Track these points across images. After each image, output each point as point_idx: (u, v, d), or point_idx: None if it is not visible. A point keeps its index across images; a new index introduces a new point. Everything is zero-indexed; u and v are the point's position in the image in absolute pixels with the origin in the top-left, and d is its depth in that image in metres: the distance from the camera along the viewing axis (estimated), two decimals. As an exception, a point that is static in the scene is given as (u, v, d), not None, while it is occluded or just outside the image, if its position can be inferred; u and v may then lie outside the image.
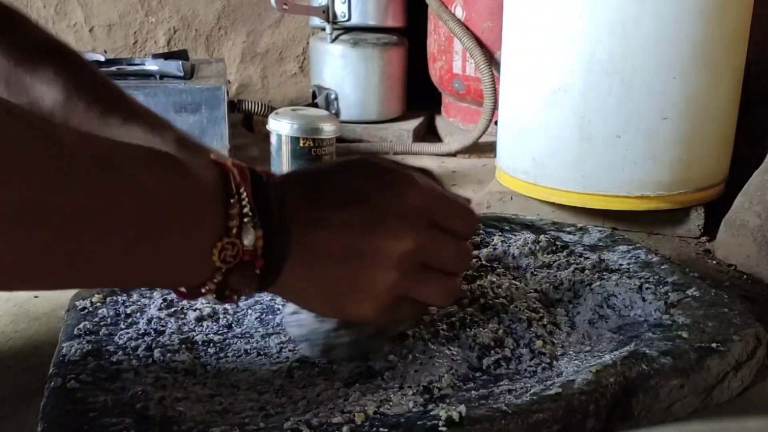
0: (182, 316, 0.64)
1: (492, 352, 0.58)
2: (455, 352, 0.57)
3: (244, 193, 0.39)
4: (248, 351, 0.60)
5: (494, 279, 0.69)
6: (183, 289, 0.42)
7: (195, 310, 0.65)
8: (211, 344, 0.60)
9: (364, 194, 0.42)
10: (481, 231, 0.86)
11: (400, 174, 0.44)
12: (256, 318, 0.65)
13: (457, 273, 0.48)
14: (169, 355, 0.57)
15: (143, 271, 0.38)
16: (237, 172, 0.40)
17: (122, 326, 0.62)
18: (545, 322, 0.63)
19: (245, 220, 0.39)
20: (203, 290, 0.40)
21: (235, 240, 0.39)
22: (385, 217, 0.42)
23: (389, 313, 0.46)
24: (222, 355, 0.59)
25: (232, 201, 0.39)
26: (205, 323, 0.63)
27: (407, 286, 0.45)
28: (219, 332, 0.62)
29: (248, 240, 0.39)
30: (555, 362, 0.58)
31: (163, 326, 0.62)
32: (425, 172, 0.48)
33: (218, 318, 0.64)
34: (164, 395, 0.51)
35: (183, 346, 0.59)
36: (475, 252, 0.78)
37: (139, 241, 0.36)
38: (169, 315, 0.64)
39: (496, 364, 0.57)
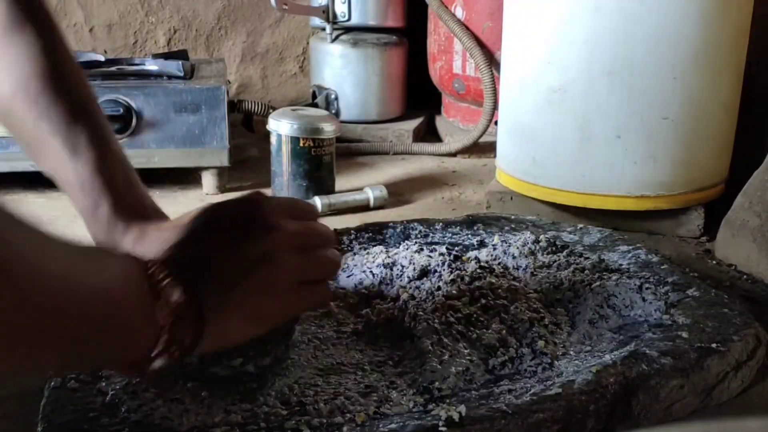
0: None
1: (498, 353, 0.58)
2: (461, 353, 0.57)
3: (156, 267, 0.44)
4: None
5: (493, 280, 0.69)
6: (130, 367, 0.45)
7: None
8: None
9: (239, 245, 0.49)
10: (481, 231, 0.86)
11: (260, 224, 0.49)
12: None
13: (326, 279, 0.54)
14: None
15: (93, 352, 0.41)
16: (139, 259, 0.44)
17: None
18: (546, 323, 0.63)
19: (166, 282, 0.44)
20: (154, 353, 0.43)
21: (168, 299, 0.43)
22: (264, 265, 0.48)
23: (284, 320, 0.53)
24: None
25: (149, 272, 0.43)
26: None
27: (293, 303, 0.51)
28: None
29: (176, 296, 0.43)
30: (556, 362, 0.58)
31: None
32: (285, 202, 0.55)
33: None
34: (156, 396, 0.51)
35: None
36: (474, 253, 0.78)
37: (83, 328, 0.39)
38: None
39: (501, 366, 0.57)
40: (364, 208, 1.10)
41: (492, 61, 1.36)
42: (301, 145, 1.08)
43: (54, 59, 0.59)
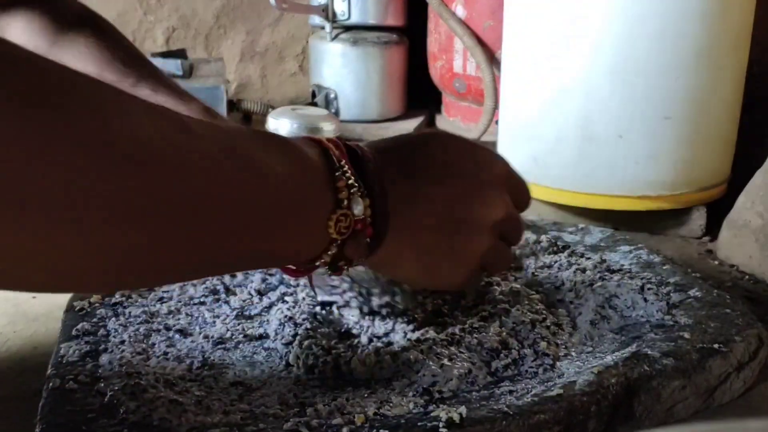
0: (180, 316, 0.64)
1: (501, 355, 0.58)
2: (463, 356, 0.57)
3: (347, 167, 0.41)
4: (249, 352, 0.60)
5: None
6: (292, 267, 0.43)
7: (190, 305, 0.65)
8: (211, 345, 0.60)
9: (456, 167, 0.45)
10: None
11: (482, 149, 0.47)
12: (256, 322, 0.64)
13: (515, 244, 0.52)
14: (166, 356, 0.57)
15: (266, 251, 0.39)
16: (334, 147, 0.42)
17: (121, 326, 0.61)
18: (548, 324, 0.62)
19: (352, 191, 0.41)
20: (318, 263, 0.42)
21: (347, 211, 0.41)
22: (478, 188, 0.45)
23: (472, 280, 0.50)
24: (222, 354, 0.59)
25: (337, 174, 0.41)
26: (201, 323, 0.63)
27: (492, 253, 0.48)
28: (218, 333, 0.62)
29: (358, 210, 0.41)
30: (557, 363, 0.58)
31: (160, 326, 0.62)
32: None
33: (215, 321, 0.64)
34: (155, 397, 0.51)
35: (181, 348, 0.59)
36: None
37: (265, 223, 0.37)
38: (168, 313, 0.64)
39: (504, 368, 0.57)
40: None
41: (493, 60, 1.36)
42: (301, 144, 1.08)
43: (123, 43, 0.66)
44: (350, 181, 0.41)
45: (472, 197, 0.45)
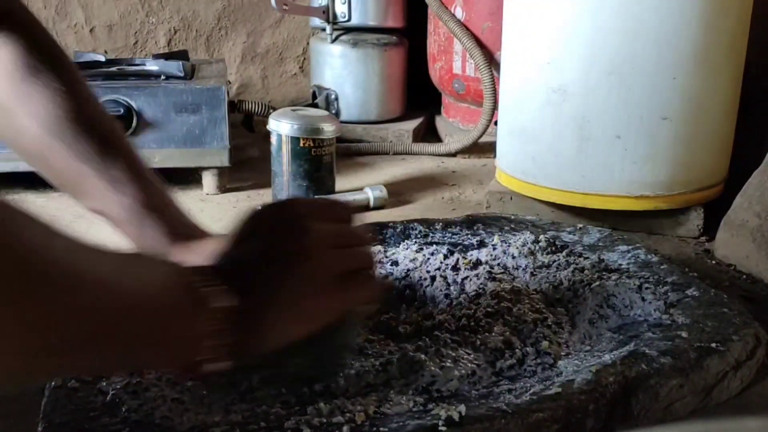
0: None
1: (506, 355, 0.58)
2: (469, 357, 0.57)
3: (205, 276, 0.45)
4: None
5: (497, 285, 0.69)
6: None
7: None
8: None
9: (278, 242, 0.51)
10: (481, 231, 0.86)
11: (296, 227, 0.52)
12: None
13: (367, 267, 0.56)
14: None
15: (148, 358, 0.44)
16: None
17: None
18: (550, 323, 0.63)
19: (211, 288, 0.45)
20: (209, 359, 0.44)
21: (213, 306, 0.45)
22: (301, 263, 0.50)
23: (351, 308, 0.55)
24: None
25: (197, 281, 0.45)
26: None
27: (337, 297, 0.52)
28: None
29: (219, 303, 0.45)
30: (558, 362, 0.58)
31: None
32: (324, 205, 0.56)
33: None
34: (156, 396, 0.51)
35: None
36: (474, 252, 0.78)
37: (139, 335, 0.41)
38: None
39: (509, 368, 0.57)
40: (364, 208, 1.10)
41: (492, 61, 1.36)
42: (302, 145, 1.08)
43: (78, 99, 0.62)
44: (206, 282, 0.45)
45: (289, 242, 0.51)
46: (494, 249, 0.78)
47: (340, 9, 1.49)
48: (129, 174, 0.61)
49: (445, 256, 0.74)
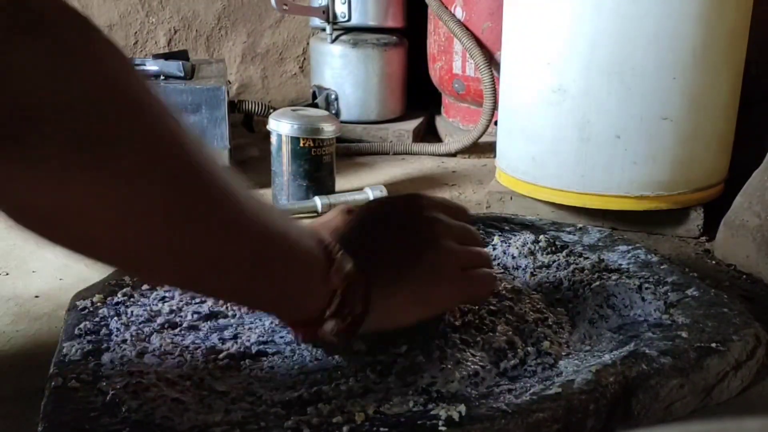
0: (182, 315, 0.64)
1: (509, 355, 0.58)
2: (474, 359, 0.57)
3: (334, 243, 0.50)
4: (248, 353, 0.60)
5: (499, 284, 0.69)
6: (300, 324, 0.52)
7: (194, 314, 0.65)
8: (212, 344, 0.60)
9: (407, 229, 0.54)
10: (481, 231, 0.86)
11: (423, 217, 0.55)
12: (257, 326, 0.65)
13: (487, 266, 0.59)
14: (167, 356, 0.57)
15: (275, 295, 0.48)
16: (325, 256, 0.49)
17: (123, 325, 0.62)
18: (551, 323, 0.63)
19: (340, 253, 0.49)
20: (326, 315, 0.48)
21: (339, 267, 0.49)
22: (430, 251, 0.53)
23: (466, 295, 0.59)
24: (220, 356, 0.59)
25: (328, 246, 0.49)
26: (202, 324, 0.64)
27: (458, 289, 0.56)
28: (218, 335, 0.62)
29: (348, 267, 0.48)
30: (559, 362, 0.58)
31: (162, 325, 0.62)
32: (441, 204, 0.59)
33: (216, 320, 0.64)
34: (157, 396, 0.51)
35: (181, 347, 0.59)
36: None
37: (273, 269, 0.45)
38: (170, 313, 0.64)
39: (513, 368, 0.57)
40: (364, 208, 1.10)
41: (492, 61, 1.36)
42: (302, 145, 1.08)
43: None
44: (337, 247, 0.49)
45: (416, 230, 0.54)
46: (494, 249, 0.78)
47: (340, 9, 1.49)
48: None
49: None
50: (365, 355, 0.56)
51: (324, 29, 1.51)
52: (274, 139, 1.11)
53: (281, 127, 1.09)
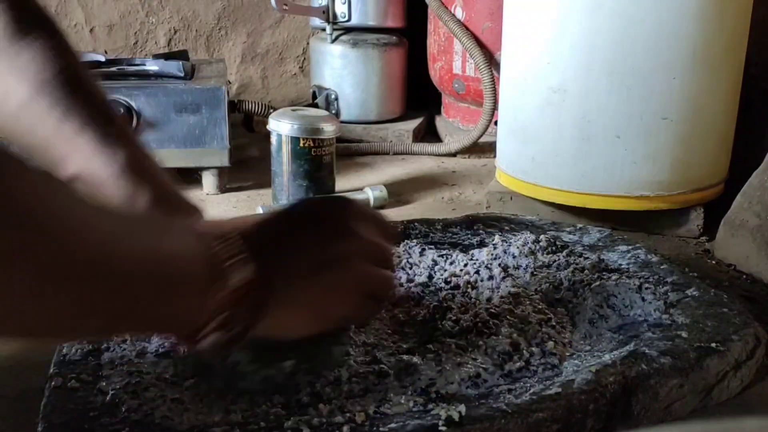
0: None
1: (515, 357, 0.58)
2: (476, 362, 0.57)
3: (233, 240, 0.44)
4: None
5: (496, 282, 0.69)
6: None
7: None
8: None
9: (312, 230, 0.50)
10: (481, 231, 0.86)
11: (342, 228, 0.51)
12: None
13: (387, 294, 0.56)
14: (167, 356, 0.57)
15: (152, 317, 0.42)
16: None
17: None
18: (554, 323, 0.63)
19: (232, 263, 0.44)
20: (209, 329, 0.44)
21: (228, 281, 0.44)
22: (337, 266, 0.50)
23: (365, 310, 0.55)
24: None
25: (219, 248, 0.43)
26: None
27: (369, 280, 0.52)
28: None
29: (236, 279, 0.43)
30: (563, 363, 0.58)
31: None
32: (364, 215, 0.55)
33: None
34: (156, 396, 0.51)
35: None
36: (476, 251, 0.78)
37: (150, 293, 0.40)
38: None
39: (518, 371, 0.57)
40: (364, 208, 1.10)
41: (492, 61, 1.36)
42: (302, 145, 1.08)
43: (67, 60, 0.58)
44: (233, 251, 0.44)
45: (331, 242, 0.50)
46: (494, 249, 0.78)
47: (340, 9, 1.49)
48: (121, 137, 0.56)
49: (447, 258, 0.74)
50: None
51: (324, 29, 1.51)
52: (274, 139, 1.11)
53: (281, 127, 1.09)
